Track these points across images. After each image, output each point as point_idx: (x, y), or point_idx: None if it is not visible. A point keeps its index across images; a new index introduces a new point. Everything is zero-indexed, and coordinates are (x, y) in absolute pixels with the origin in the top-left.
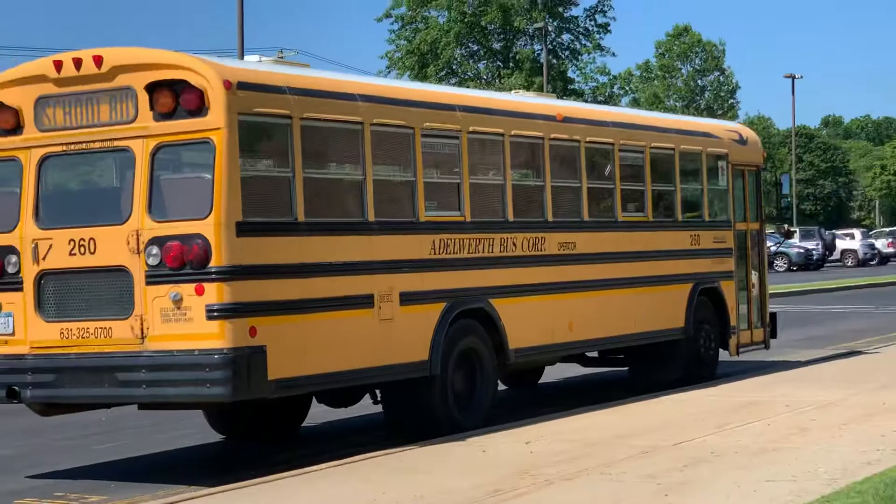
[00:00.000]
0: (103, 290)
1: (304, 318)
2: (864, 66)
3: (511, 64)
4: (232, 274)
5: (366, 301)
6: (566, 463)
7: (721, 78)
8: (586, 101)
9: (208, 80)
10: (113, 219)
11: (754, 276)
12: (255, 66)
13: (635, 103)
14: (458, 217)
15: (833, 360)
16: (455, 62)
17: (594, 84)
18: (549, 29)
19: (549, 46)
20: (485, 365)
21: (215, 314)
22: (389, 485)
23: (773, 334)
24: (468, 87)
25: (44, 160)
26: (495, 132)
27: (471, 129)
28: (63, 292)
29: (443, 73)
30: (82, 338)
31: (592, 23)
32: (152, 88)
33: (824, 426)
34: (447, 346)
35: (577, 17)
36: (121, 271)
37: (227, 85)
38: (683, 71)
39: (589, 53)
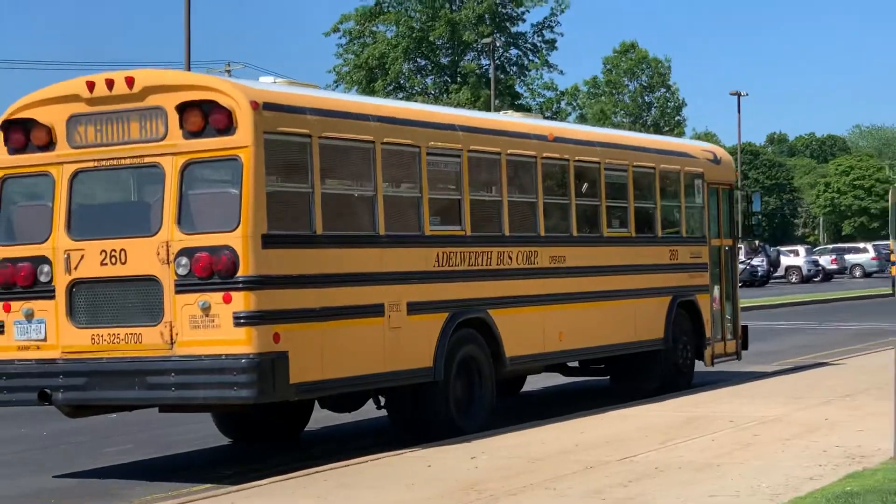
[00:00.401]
0: (133, 298)
1: (322, 326)
2: (809, 85)
3: (458, 79)
4: (257, 283)
5: (377, 310)
6: (511, 478)
7: (667, 94)
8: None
9: (237, 101)
10: (143, 231)
11: (727, 290)
12: (275, 87)
13: (582, 119)
14: (459, 231)
15: (790, 374)
16: (403, 77)
17: (541, 100)
18: (497, 44)
19: (497, 62)
20: (483, 372)
21: (242, 321)
22: (333, 500)
23: (745, 346)
24: (416, 101)
25: (75, 175)
26: (493, 151)
27: (471, 147)
28: (94, 300)
29: (391, 87)
30: (113, 343)
31: (540, 38)
32: (182, 108)
33: (767, 441)
34: (449, 354)
35: (524, 33)
36: (150, 280)
37: (255, 105)
38: (630, 87)
39: (537, 69)
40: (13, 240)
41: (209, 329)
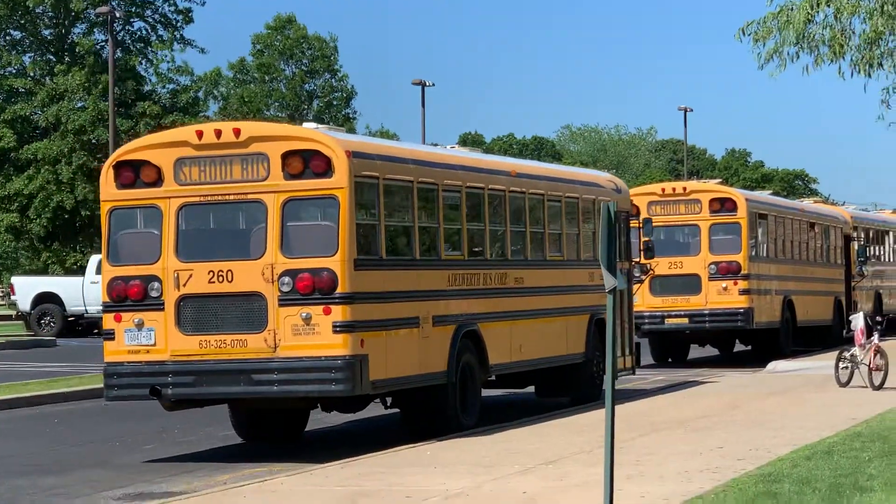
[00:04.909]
0: (238, 311)
1: (386, 334)
2: (507, 79)
3: (67, 57)
4: (352, 299)
5: (415, 322)
6: None
7: (333, 82)
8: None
9: (335, 151)
10: (247, 254)
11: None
12: (354, 137)
13: (224, 112)
14: (460, 256)
15: (485, 434)
16: None
17: (173, 87)
18: (118, 14)
19: (117, 37)
20: (475, 377)
21: (339, 329)
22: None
23: (638, 362)
24: (12, 84)
25: (181, 207)
26: (479, 186)
27: (468, 184)
28: (202, 312)
29: None
30: (219, 347)
31: (172, 8)
32: (286, 155)
33: None
34: (456, 360)
35: (153, 2)
36: (256, 295)
37: (349, 154)
38: (287, 72)
39: (169, 50)
40: (121, 261)
41: (310, 336)
